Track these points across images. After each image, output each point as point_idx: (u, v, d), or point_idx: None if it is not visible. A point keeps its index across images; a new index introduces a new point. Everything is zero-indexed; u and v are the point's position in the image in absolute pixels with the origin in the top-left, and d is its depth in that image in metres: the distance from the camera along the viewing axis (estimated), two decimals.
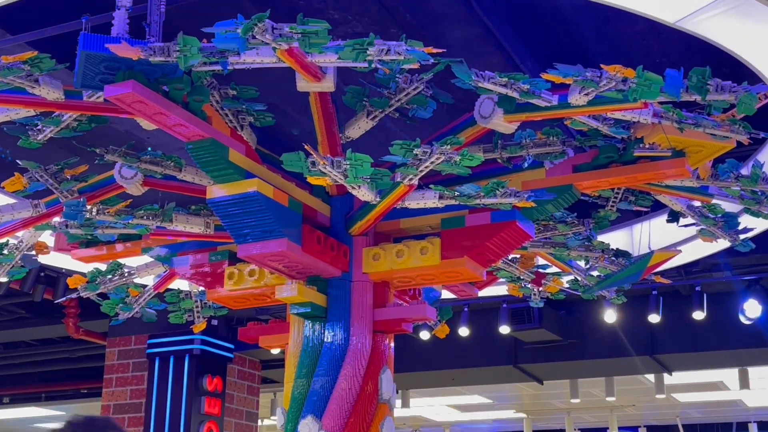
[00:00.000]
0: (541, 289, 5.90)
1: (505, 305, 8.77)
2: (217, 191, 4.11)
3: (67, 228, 4.78)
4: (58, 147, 4.65)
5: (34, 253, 5.21)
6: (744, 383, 11.19)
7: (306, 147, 3.87)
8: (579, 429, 16.25)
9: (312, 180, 4.03)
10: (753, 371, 10.98)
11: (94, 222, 4.67)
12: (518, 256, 5.50)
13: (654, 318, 8.25)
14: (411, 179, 4.02)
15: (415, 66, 3.48)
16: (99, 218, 4.63)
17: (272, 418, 12.31)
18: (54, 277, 7.42)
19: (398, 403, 11.73)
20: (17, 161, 4.56)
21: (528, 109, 3.87)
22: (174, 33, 3.44)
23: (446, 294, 5.87)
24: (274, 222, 4.15)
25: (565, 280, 5.88)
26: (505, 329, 8.89)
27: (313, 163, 3.85)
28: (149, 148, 4.63)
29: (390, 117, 4.33)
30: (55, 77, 3.79)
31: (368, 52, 3.35)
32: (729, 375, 11.67)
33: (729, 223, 4.86)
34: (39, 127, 4.14)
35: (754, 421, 15.74)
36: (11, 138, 4.27)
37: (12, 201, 4.83)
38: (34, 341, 10.49)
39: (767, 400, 14.05)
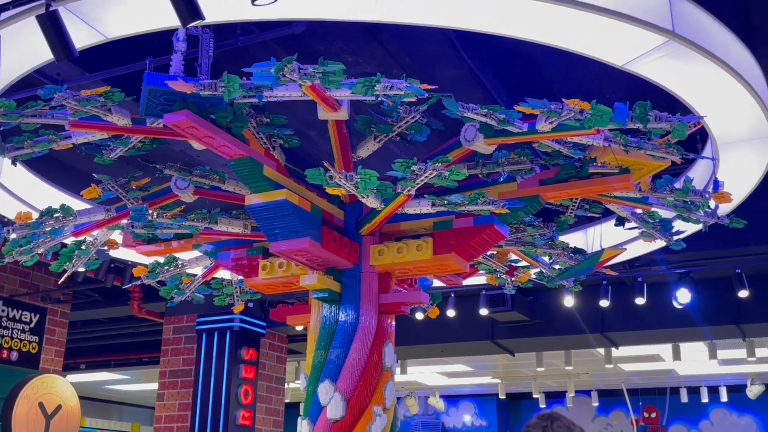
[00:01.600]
0: (513, 279, 5.90)
1: (484, 292, 8.77)
2: (253, 199, 4.13)
3: (132, 228, 4.78)
4: (125, 163, 4.65)
5: (106, 248, 5.21)
6: (676, 356, 11.19)
7: (325, 164, 3.88)
8: (543, 392, 16.20)
9: (330, 190, 4.04)
10: (684, 346, 10.98)
11: (155, 223, 4.68)
12: (495, 252, 5.48)
13: (604, 303, 8.25)
14: (409, 190, 4.03)
15: (413, 99, 3.49)
16: (158, 220, 4.64)
17: (296, 381, 12.30)
18: (122, 268, 7.42)
19: (398, 370, 11.72)
20: (93, 174, 4.56)
21: (503, 134, 3.87)
22: (220, 72, 3.45)
23: (437, 282, 5.86)
24: (298, 224, 4.15)
25: (533, 272, 5.87)
26: (484, 311, 8.89)
27: (331, 177, 3.85)
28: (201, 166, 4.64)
29: (392, 140, 4.33)
30: (124, 107, 3.79)
31: (375, 88, 3.36)
32: (664, 349, 11.66)
33: (664, 227, 4.86)
34: (111, 147, 4.15)
35: (684, 386, 15.70)
36: (88, 155, 4.28)
37: (89, 206, 4.83)
38: (106, 319, 10.50)
39: (695, 370, 14.04)
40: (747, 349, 10.39)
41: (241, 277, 5.49)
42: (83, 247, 5.07)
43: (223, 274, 5.89)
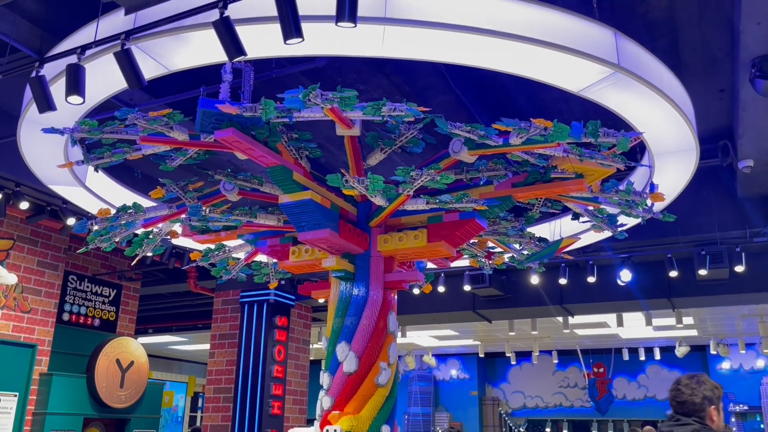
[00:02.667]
0: (490, 262, 5.87)
1: (467, 272, 8.75)
2: (285, 199, 4.11)
3: (189, 221, 4.78)
4: (184, 170, 4.64)
5: (169, 237, 5.21)
6: (620, 323, 11.15)
7: (342, 171, 3.86)
8: (513, 351, 16.16)
9: (346, 191, 4.03)
10: (626, 315, 10.94)
11: (207, 218, 4.67)
12: (476, 241, 5.47)
13: (562, 281, 8.22)
14: (408, 191, 4.00)
15: (412, 119, 3.47)
16: (210, 215, 4.63)
17: (319, 343, 12.31)
18: (181, 253, 7.42)
19: (399, 334, 11.72)
20: (159, 179, 4.56)
21: (483, 147, 3.85)
22: (258, 98, 3.43)
23: (430, 265, 5.85)
24: (321, 218, 4.13)
25: (506, 257, 5.85)
26: (467, 287, 8.87)
27: (346, 181, 3.84)
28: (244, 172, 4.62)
29: (395, 152, 4.31)
30: (183, 125, 3.78)
31: (382, 110, 3.34)
32: (610, 318, 11.62)
33: (611, 221, 4.82)
34: (172, 157, 4.14)
35: (626, 347, 15.64)
36: (154, 163, 4.27)
37: (155, 204, 4.83)
38: (168, 294, 10.51)
39: (634, 334, 13.99)
40: (676, 318, 10.36)
41: (275, 260, 5.48)
42: (151, 236, 5.07)
43: (261, 258, 5.89)
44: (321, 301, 8.73)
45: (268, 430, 8.23)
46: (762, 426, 14.01)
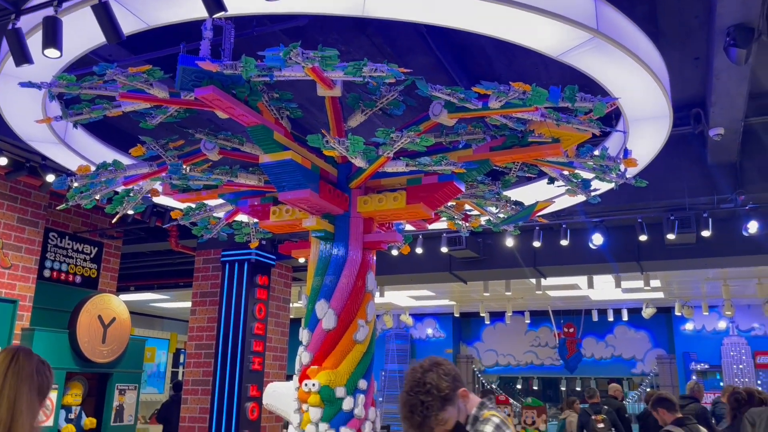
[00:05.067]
0: (467, 224, 5.90)
1: (444, 234, 8.80)
2: (266, 158, 4.06)
3: (170, 180, 4.71)
4: (165, 129, 4.56)
5: (149, 195, 5.15)
6: (590, 285, 11.34)
7: (323, 131, 3.82)
8: (488, 311, 16.40)
9: (326, 152, 3.99)
10: (596, 278, 11.13)
11: (188, 176, 4.61)
12: (454, 203, 5.49)
13: (536, 243, 8.30)
14: (388, 153, 3.98)
15: (392, 80, 3.43)
16: (191, 174, 4.57)
17: (299, 302, 12.38)
18: (162, 212, 7.34)
19: (377, 294, 11.81)
20: (139, 136, 4.47)
21: (463, 110, 3.83)
22: (239, 56, 3.36)
23: (409, 227, 5.87)
24: (301, 179, 4.10)
25: (483, 219, 5.88)
26: (444, 249, 8.93)
27: (327, 142, 3.80)
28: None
29: (376, 113, 4.27)
30: (163, 83, 3.70)
31: (363, 71, 3.29)
32: (581, 280, 11.81)
33: (585, 185, 4.86)
34: (153, 115, 4.06)
35: (595, 309, 15.96)
36: (136, 120, 4.19)
37: (135, 162, 4.75)
38: (150, 252, 10.43)
39: (604, 296, 14.25)
40: (644, 280, 10.57)
41: (256, 220, 5.45)
42: (131, 194, 5.00)
43: (242, 217, 5.86)
44: (301, 261, 8.74)
45: (248, 386, 8.32)
46: (721, 384, 14.48)
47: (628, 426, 9.34)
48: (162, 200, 5.99)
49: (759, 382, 14.85)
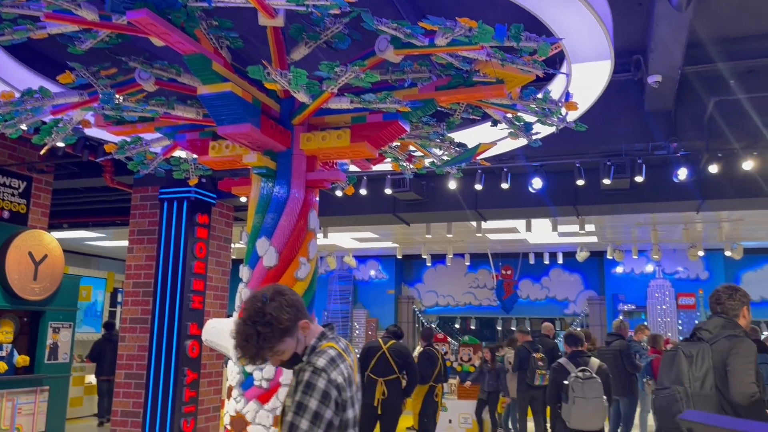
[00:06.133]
0: (411, 166, 5.92)
1: (389, 176, 8.80)
2: (204, 90, 3.91)
3: (103, 110, 4.50)
4: (96, 55, 4.30)
5: (80, 126, 4.91)
6: (528, 228, 11.64)
7: (264, 62, 3.70)
8: (429, 254, 16.70)
9: (268, 85, 3.88)
10: (534, 222, 11.42)
11: (121, 107, 4.41)
12: (398, 144, 5.47)
13: (478, 186, 8.39)
14: (332, 88, 3.90)
15: (338, 11, 3.33)
16: (124, 104, 4.37)
17: (241, 242, 12.28)
18: (95, 145, 7.01)
19: (320, 235, 11.81)
20: (68, 62, 4.21)
21: (409, 46, 3.77)
22: None
23: (353, 167, 5.83)
24: (242, 112, 3.99)
25: (427, 161, 5.91)
26: (388, 191, 8.95)
27: (269, 74, 3.69)
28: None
29: (320, 47, 4.16)
30: (92, 4, 3.47)
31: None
32: (520, 223, 12.11)
33: (527, 128, 4.92)
34: (81, 39, 3.81)
35: (532, 252, 16.48)
36: (63, 45, 3.93)
37: (64, 90, 4.49)
38: (84, 188, 10.01)
39: (540, 239, 14.69)
40: (579, 224, 10.93)
41: (195, 156, 5.30)
42: (61, 124, 4.75)
43: (181, 153, 5.68)
44: (243, 200, 8.60)
45: (188, 324, 8.27)
46: (646, 323, 15.36)
47: None
48: (95, 133, 5.74)
49: (680, 321, 15.85)
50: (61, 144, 5.15)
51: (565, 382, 5.58)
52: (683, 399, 3.34)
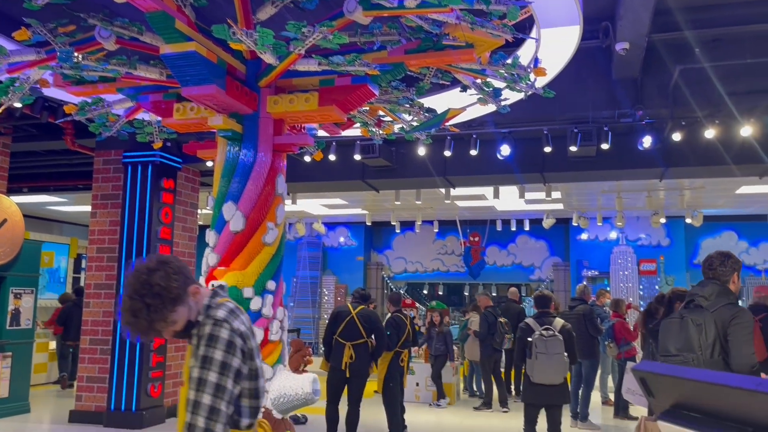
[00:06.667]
0: (380, 131, 5.88)
1: (358, 142, 8.74)
2: (167, 49, 3.80)
3: (61, 69, 4.34)
4: (54, 12, 4.13)
5: (38, 86, 4.74)
6: (496, 195, 11.72)
7: (229, 21, 3.60)
8: (398, 220, 16.74)
9: (233, 45, 3.79)
10: (502, 189, 11.48)
11: (81, 65, 4.26)
12: (367, 108, 5.42)
13: (447, 153, 8.41)
14: (300, 50, 3.83)
15: None
16: (84, 63, 4.22)
17: (207, 208, 12.10)
18: (55, 107, 6.79)
19: (289, 202, 11.73)
20: (23, 18, 4.04)
21: (378, 8, 3.71)
22: None
23: (322, 132, 5.77)
24: (206, 73, 3.90)
25: (396, 127, 5.88)
26: (357, 157, 8.90)
27: (234, 33, 3.60)
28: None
29: (287, 8, 4.06)
30: None
31: None
32: (488, 190, 12.18)
33: (496, 94, 4.92)
34: None
35: (500, 219, 16.64)
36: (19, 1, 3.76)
37: (20, 48, 4.31)
38: (44, 151, 9.70)
39: (508, 206, 14.81)
40: (546, 192, 11.05)
41: (159, 118, 5.18)
42: (17, 84, 4.58)
43: (145, 115, 5.54)
44: (209, 164, 8.46)
45: None
46: (608, 288, 15.75)
47: None
48: (54, 93, 5.56)
49: (641, 287, 16.30)
50: (18, 104, 4.97)
51: (529, 339, 5.79)
52: (696, 366, 3.41)
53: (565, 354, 5.79)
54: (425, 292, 19.11)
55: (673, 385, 1.39)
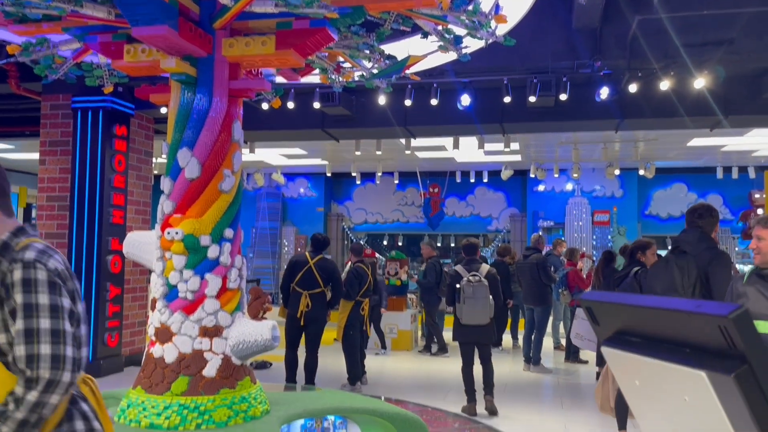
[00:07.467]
0: (340, 78, 5.77)
1: (317, 89, 8.61)
2: None
3: (2, 6, 4.09)
4: None
5: None
6: (456, 146, 11.77)
7: None
8: (359, 171, 16.72)
9: None
10: (462, 140, 11.54)
11: (23, 2, 4.01)
12: (326, 54, 5.30)
13: (407, 102, 8.36)
14: None
15: None
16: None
17: (162, 156, 11.83)
18: None
19: (246, 151, 11.53)
20: None
21: None
22: None
23: (280, 79, 5.64)
24: (157, 12, 3.73)
25: (356, 74, 5.78)
26: (316, 105, 8.77)
27: None
28: None
29: None
30: None
31: None
32: (447, 141, 12.24)
33: (457, 42, 4.87)
34: None
35: (459, 170, 16.78)
36: None
37: None
38: None
39: (467, 158, 14.95)
40: (504, 143, 11.14)
41: (108, 61, 4.96)
42: None
43: (93, 58, 5.30)
44: (163, 111, 8.22)
45: (109, 239, 8.04)
46: (563, 238, 16.17)
47: None
48: None
49: (594, 237, 16.78)
50: None
51: (458, 285, 6.24)
52: None
53: (490, 296, 6.27)
54: (385, 242, 19.27)
55: (616, 312, 1.46)
